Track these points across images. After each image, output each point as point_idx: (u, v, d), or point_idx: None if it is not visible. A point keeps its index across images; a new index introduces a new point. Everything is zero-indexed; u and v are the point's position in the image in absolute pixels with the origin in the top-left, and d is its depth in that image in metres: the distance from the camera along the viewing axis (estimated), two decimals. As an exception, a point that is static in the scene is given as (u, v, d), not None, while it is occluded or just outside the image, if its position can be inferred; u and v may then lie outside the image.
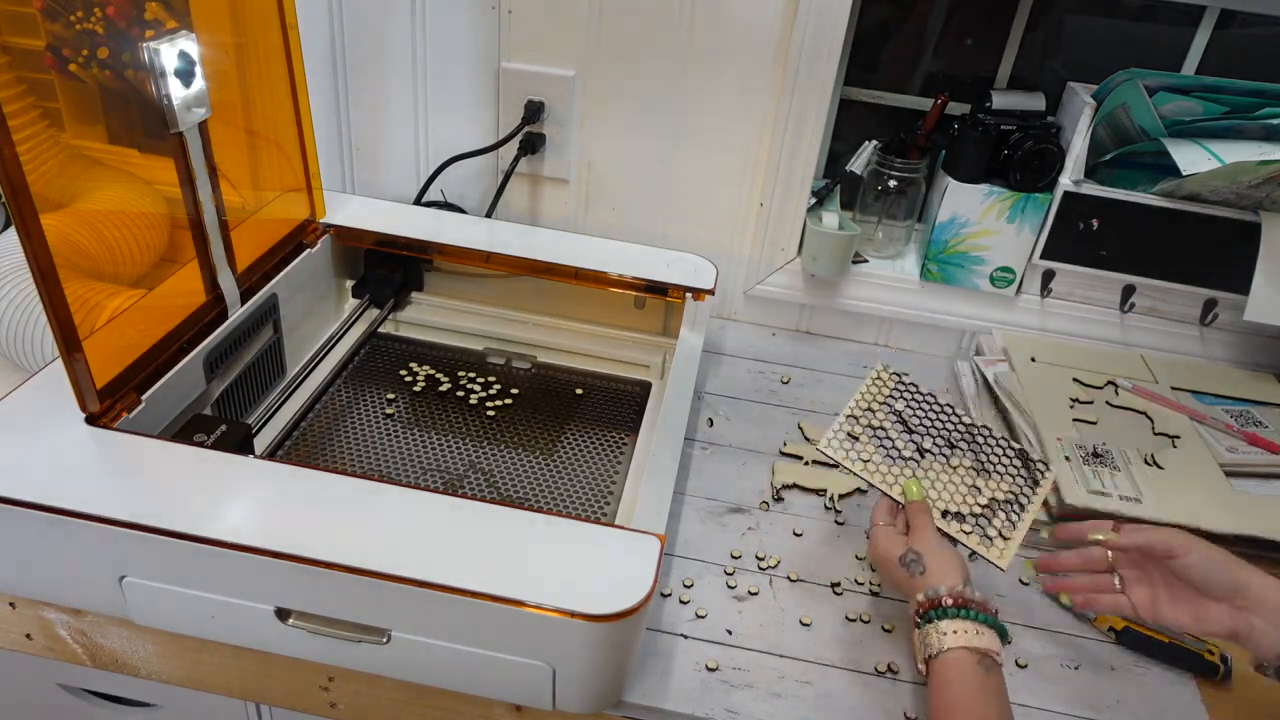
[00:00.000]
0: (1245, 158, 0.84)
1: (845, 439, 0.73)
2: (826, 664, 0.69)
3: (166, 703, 0.80)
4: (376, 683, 0.69)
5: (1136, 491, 0.80)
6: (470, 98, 1.03)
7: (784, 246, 1.05)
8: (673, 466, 0.71)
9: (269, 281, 0.83)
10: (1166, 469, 0.83)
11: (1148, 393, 0.93)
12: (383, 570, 0.55)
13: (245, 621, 0.61)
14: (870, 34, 1.05)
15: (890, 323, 1.09)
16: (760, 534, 0.79)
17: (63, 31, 0.77)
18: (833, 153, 1.12)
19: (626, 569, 0.57)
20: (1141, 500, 0.79)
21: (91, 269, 0.80)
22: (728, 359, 1.04)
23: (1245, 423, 0.90)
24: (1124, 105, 0.92)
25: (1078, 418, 0.89)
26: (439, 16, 0.99)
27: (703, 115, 1.00)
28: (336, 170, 1.10)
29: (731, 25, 0.94)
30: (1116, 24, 1.02)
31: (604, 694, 0.62)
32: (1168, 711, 0.68)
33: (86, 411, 0.64)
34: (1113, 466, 0.82)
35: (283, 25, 0.79)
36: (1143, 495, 0.80)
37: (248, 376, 0.82)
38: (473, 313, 0.99)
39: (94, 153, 0.85)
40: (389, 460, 0.81)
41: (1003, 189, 0.97)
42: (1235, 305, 0.97)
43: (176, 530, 0.56)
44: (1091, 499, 0.79)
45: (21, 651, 0.74)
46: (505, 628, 0.56)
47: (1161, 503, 0.79)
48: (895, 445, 0.72)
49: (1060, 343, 1.03)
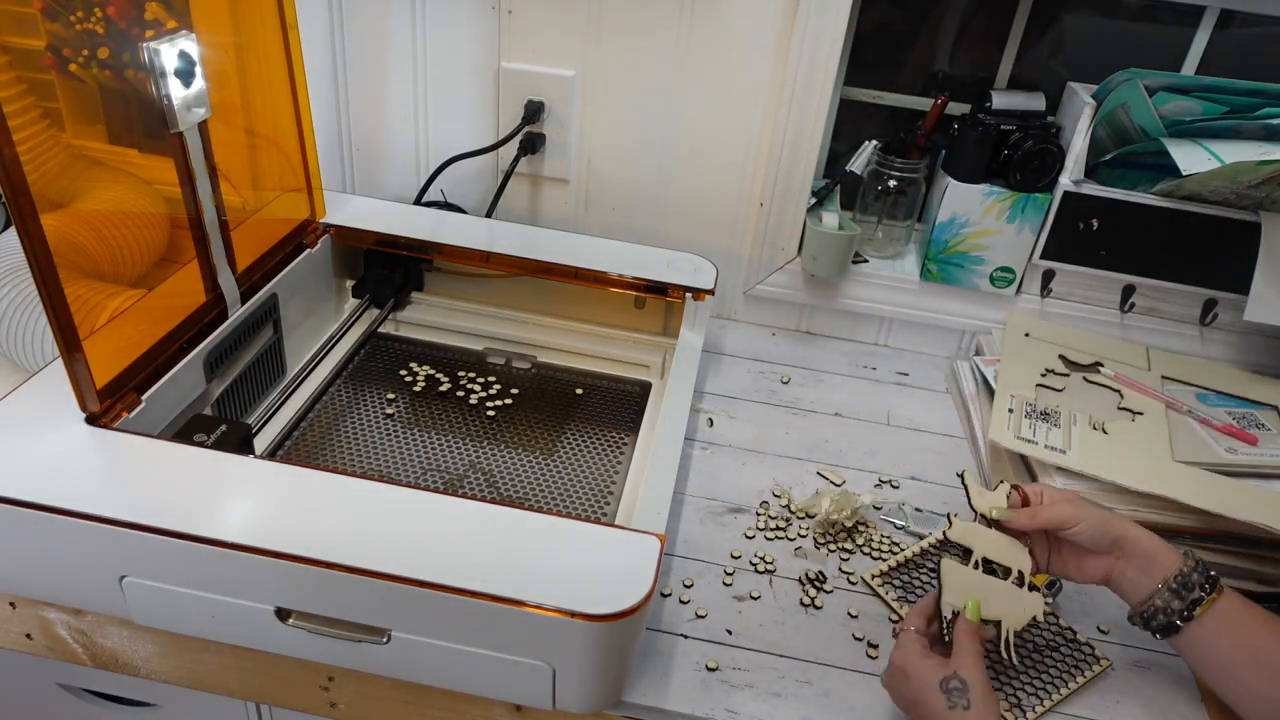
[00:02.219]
0: (1245, 158, 0.84)
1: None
2: (826, 664, 0.69)
3: (166, 703, 0.80)
4: (376, 683, 0.69)
5: (1066, 445, 0.81)
6: (470, 97, 1.03)
7: (784, 246, 1.05)
8: (673, 466, 0.71)
9: (269, 281, 0.83)
10: (1111, 435, 0.84)
11: (1130, 381, 0.93)
12: (383, 570, 0.55)
13: (245, 621, 0.61)
14: (870, 34, 1.05)
15: (890, 323, 1.09)
16: (759, 540, 0.79)
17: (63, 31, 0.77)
18: (833, 153, 1.12)
19: (626, 569, 0.57)
20: (1066, 453, 0.80)
21: (91, 269, 0.80)
22: (728, 359, 1.04)
23: (1248, 425, 0.90)
24: (1124, 105, 0.92)
25: (1043, 384, 0.91)
26: (439, 16, 0.99)
27: (703, 115, 1.00)
28: (336, 170, 1.10)
29: (731, 25, 0.94)
30: (1116, 24, 1.02)
31: (604, 694, 0.62)
32: (1168, 711, 0.68)
33: (86, 411, 0.64)
34: (1054, 424, 0.84)
35: (283, 25, 0.79)
36: (1070, 449, 0.81)
37: (248, 376, 0.82)
38: (473, 313, 0.99)
39: (94, 153, 0.85)
40: (389, 460, 0.81)
41: (1003, 189, 0.97)
42: (1235, 305, 0.97)
43: (176, 530, 0.56)
44: (1017, 444, 0.81)
45: (21, 651, 0.74)
46: (505, 628, 0.56)
47: (1088, 458, 0.80)
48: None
49: (1061, 326, 1.03)
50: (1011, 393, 0.89)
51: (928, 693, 0.57)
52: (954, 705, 0.55)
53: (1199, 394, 0.95)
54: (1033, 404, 0.87)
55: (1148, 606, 0.64)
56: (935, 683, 0.57)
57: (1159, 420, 0.88)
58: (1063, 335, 1.00)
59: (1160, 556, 0.64)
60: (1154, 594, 0.63)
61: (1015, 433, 0.83)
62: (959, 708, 0.55)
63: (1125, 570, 0.65)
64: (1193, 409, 0.91)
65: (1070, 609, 0.75)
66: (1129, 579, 0.65)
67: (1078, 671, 0.69)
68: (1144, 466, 0.80)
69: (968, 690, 0.56)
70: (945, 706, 0.56)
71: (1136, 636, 0.73)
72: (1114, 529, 0.65)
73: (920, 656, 0.59)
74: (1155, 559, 0.64)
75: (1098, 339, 1.01)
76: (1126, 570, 0.65)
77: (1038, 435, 0.83)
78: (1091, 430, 0.85)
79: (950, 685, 0.56)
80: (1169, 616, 0.63)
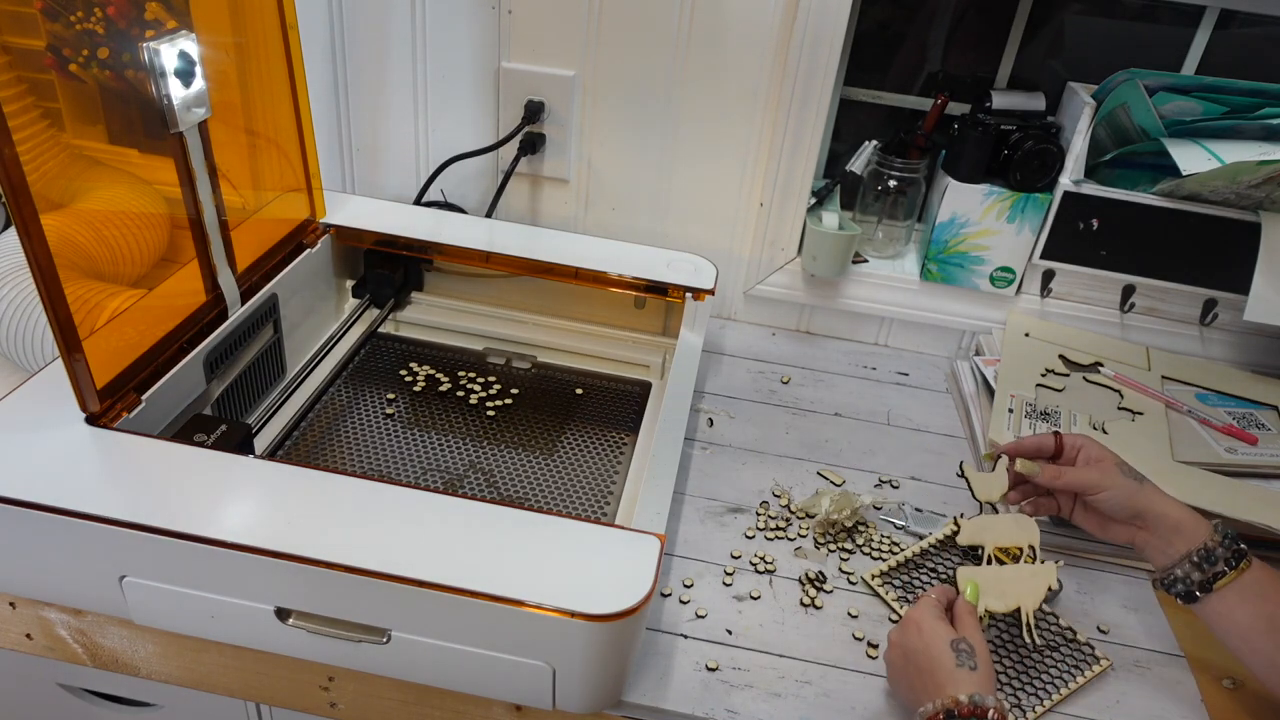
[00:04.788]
0: (1245, 158, 0.84)
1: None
2: (826, 664, 0.69)
3: (166, 703, 0.80)
4: (376, 683, 0.69)
5: None
6: (470, 97, 1.03)
7: (784, 246, 1.05)
8: (673, 466, 0.71)
9: (269, 281, 0.83)
10: (1111, 435, 0.84)
11: (1130, 381, 0.93)
12: (383, 570, 0.55)
13: (245, 621, 0.61)
14: (870, 34, 1.05)
15: (890, 323, 1.09)
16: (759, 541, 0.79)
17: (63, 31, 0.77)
18: (833, 153, 1.12)
19: (626, 569, 0.57)
20: None
21: (91, 269, 0.80)
22: (728, 359, 1.04)
23: (1248, 425, 0.90)
24: (1124, 105, 0.92)
25: (1043, 384, 0.91)
26: (439, 16, 0.99)
27: (703, 115, 1.00)
28: (336, 170, 1.10)
29: (731, 25, 0.94)
30: (1116, 24, 1.02)
31: (604, 694, 0.62)
32: (1168, 712, 0.68)
33: (86, 411, 0.64)
34: (1054, 424, 0.84)
35: (283, 25, 0.79)
36: None
37: (248, 376, 0.82)
38: (473, 313, 0.99)
39: (94, 153, 0.85)
40: (389, 460, 0.81)
41: (1003, 189, 0.97)
42: (1235, 305, 0.97)
43: (176, 530, 0.56)
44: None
45: (21, 651, 0.74)
46: (505, 628, 0.56)
47: None
48: None
49: (1061, 326, 1.03)
50: (1011, 393, 0.89)
51: (938, 647, 0.59)
52: (962, 664, 0.58)
53: (1199, 394, 0.95)
54: (1033, 404, 0.87)
55: (1168, 575, 0.66)
56: (947, 641, 0.60)
57: (1159, 420, 0.88)
58: (1063, 335, 1.00)
59: (1184, 529, 0.66)
60: (1175, 564, 0.66)
61: (1015, 433, 0.83)
62: (966, 666, 0.58)
63: (1148, 540, 0.68)
64: (1193, 409, 0.91)
65: (1070, 609, 0.75)
66: (1152, 547, 0.67)
67: (1078, 671, 0.69)
68: (1144, 466, 0.80)
69: (974, 654, 0.59)
70: (955, 664, 0.58)
71: (1136, 636, 0.73)
72: (1138, 502, 0.67)
73: (936, 617, 0.62)
74: (1179, 532, 0.66)
75: (1098, 339, 1.01)
76: (1150, 540, 0.67)
77: (1036, 433, 0.83)
78: (1091, 430, 0.85)
79: (960, 646, 0.59)
80: (1189, 586, 0.65)
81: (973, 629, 0.62)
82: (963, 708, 0.55)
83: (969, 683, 0.57)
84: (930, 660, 0.59)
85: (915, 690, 0.60)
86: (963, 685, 0.56)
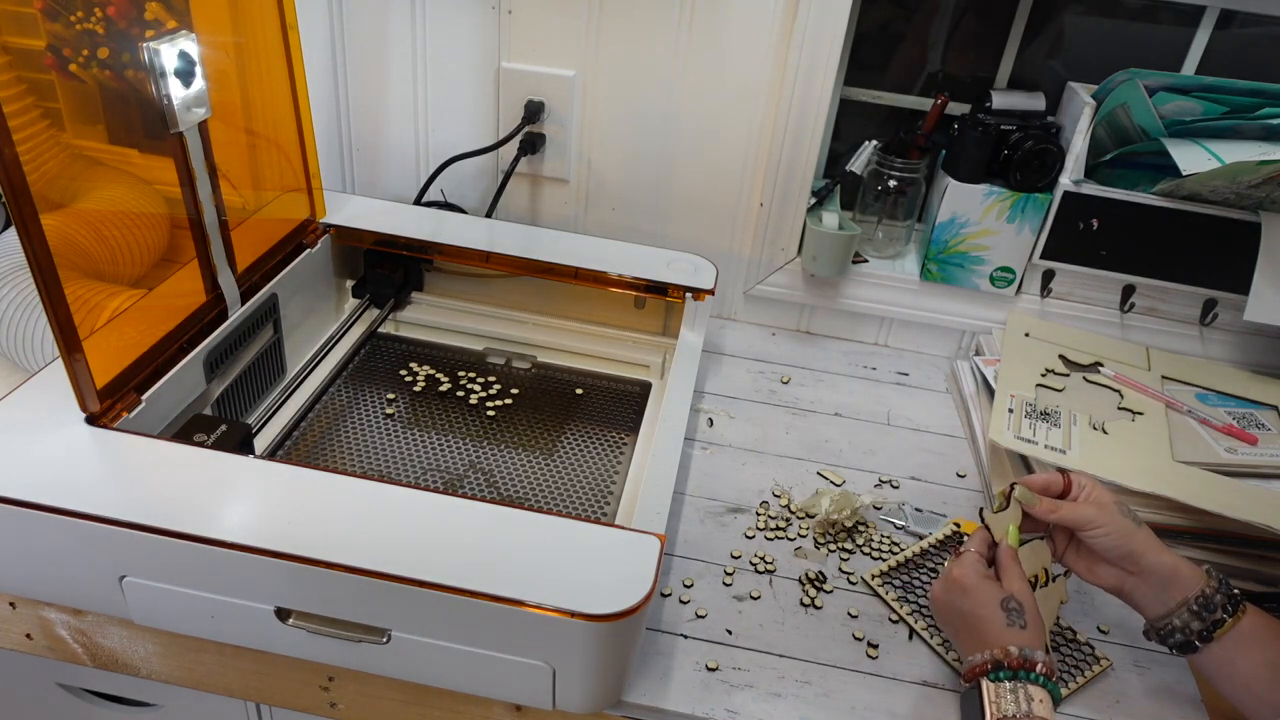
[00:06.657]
0: (1245, 158, 0.84)
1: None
2: (826, 664, 0.69)
3: (166, 703, 0.80)
4: (376, 683, 0.69)
5: (1065, 445, 0.81)
6: (470, 98, 1.03)
7: (784, 246, 1.05)
8: (673, 466, 0.71)
9: (269, 281, 0.83)
10: (1111, 435, 0.84)
11: (1130, 381, 0.93)
12: (383, 570, 0.55)
13: (245, 621, 0.61)
14: (870, 34, 1.05)
15: (890, 323, 1.09)
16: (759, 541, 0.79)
17: (63, 31, 0.77)
18: (833, 153, 1.12)
19: (626, 569, 0.57)
20: (1066, 453, 0.80)
21: (91, 269, 0.80)
22: (728, 359, 1.04)
23: (1248, 425, 0.90)
24: (1124, 105, 0.92)
25: (1044, 384, 0.91)
26: (439, 16, 0.99)
27: (703, 115, 1.00)
28: (336, 170, 1.10)
29: (731, 25, 0.94)
30: (1116, 24, 1.02)
31: (604, 694, 0.62)
32: (1168, 712, 0.68)
33: (86, 411, 0.64)
34: (1054, 424, 0.84)
35: (283, 25, 0.79)
36: (1070, 449, 0.81)
37: (248, 376, 0.82)
38: (473, 313, 0.99)
39: (94, 153, 0.85)
40: (389, 460, 0.81)
41: (1003, 189, 0.97)
42: (1235, 305, 0.97)
43: (176, 530, 0.56)
44: (1017, 444, 0.81)
45: (21, 651, 0.74)
46: (505, 628, 0.56)
47: (1088, 458, 0.80)
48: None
49: (1061, 326, 1.03)
50: (1011, 392, 0.89)
51: (988, 608, 0.60)
52: (1012, 624, 0.59)
53: (1199, 394, 0.95)
54: (1033, 404, 0.87)
55: (1165, 625, 0.64)
56: (996, 601, 0.60)
57: (1159, 420, 0.88)
58: (1063, 335, 1.00)
59: (1180, 577, 0.63)
60: (1172, 613, 0.63)
61: (1015, 432, 0.83)
62: (1017, 626, 0.59)
63: (1138, 585, 0.65)
64: (1193, 409, 0.91)
65: (1070, 609, 0.75)
66: (1142, 594, 0.65)
67: (1078, 671, 0.69)
68: (1144, 466, 0.80)
69: (1024, 612, 0.59)
70: (1005, 623, 0.59)
71: (1136, 637, 0.73)
72: (1132, 544, 0.64)
73: (982, 576, 0.62)
74: (1174, 580, 0.63)
75: (1098, 339, 1.01)
76: (1140, 586, 0.65)
77: (1038, 435, 0.83)
78: (1091, 430, 0.85)
79: (1010, 605, 0.59)
80: (1188, 636, 0.63)
81: (1019, 581, 0.61)
82: (1012, 659, 0.57)
83: (1019, 640, 0.58)
84: (980, 621, 0.60)
85: (964, 644, 0.61)
86: (1010, 640, 0.58)
